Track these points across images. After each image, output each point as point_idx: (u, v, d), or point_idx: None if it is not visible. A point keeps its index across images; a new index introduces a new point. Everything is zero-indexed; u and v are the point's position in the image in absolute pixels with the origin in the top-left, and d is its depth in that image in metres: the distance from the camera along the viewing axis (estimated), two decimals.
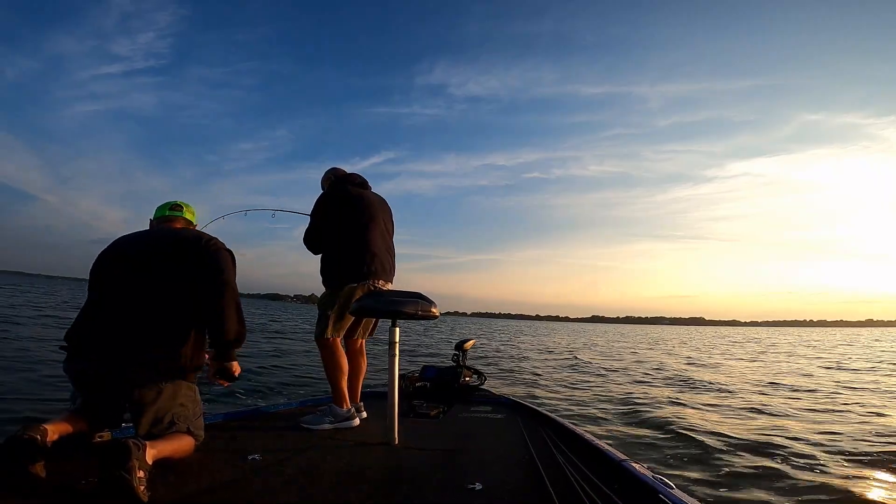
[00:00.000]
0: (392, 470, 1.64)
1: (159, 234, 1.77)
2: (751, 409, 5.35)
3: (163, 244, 1.69)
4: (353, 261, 2.33)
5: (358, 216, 2.41)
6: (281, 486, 1.41)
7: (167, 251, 1.66)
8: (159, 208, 1.94)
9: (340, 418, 2.23)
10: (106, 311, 1.58)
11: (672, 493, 1.28)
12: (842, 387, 7.56)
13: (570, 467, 1.65)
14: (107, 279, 1.65)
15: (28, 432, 1.23)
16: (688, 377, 8.51)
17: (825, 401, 6.10)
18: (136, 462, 1.18)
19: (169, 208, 1.92)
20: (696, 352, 16.81)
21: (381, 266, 2.39)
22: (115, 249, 1.71)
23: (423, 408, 2.73)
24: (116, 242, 1.74)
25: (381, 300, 2.09)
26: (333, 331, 2.31)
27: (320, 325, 2.31)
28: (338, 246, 2.39)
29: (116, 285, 1.61)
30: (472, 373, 3.40)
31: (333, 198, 2.46)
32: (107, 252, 1.71)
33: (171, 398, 1.54)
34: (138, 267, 1.62)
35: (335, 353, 2.30)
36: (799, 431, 4.22)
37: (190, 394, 1.62)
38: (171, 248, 1.67)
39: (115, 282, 1.62)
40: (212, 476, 1.45)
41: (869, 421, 4.80)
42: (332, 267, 2.39)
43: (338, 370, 2.28)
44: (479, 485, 1.47)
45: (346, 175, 2.60)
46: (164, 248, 1.67)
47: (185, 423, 1.56)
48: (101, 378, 1.48)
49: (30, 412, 3.26)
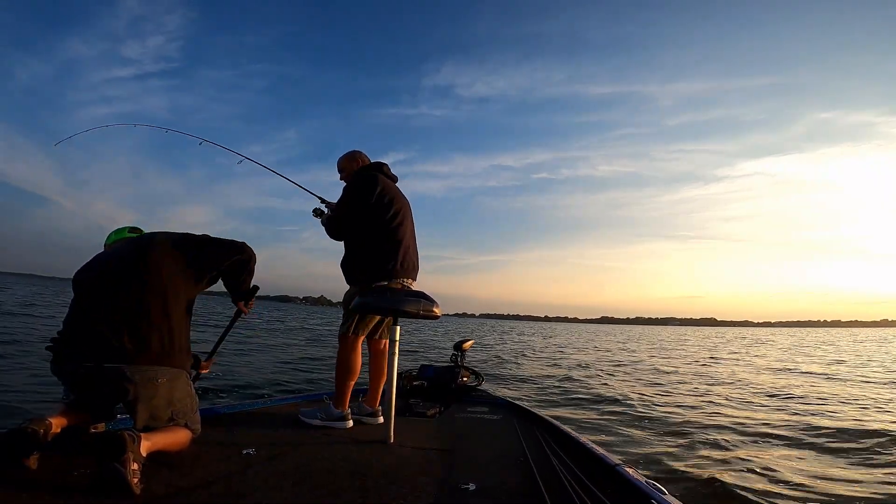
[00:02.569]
0: (387, 468, 1.65)
1: (145, 238, 1.75)
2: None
3: (156, 242, 1.68)
4: (386, 257, 2.21)
5: (392, 210, 2.26)
6: (275, 481, 1.42)
7: (164, 248, 1.66)
8: (116, 232, 1.92)
9: (333, 418, 2.20)
10: (96, 309, 1.54)
11: (664, 498, 1.28)
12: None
13: (565, 470, 1.65)
14: (94, 280, 1.61)
15: (31, 425, 1.26)
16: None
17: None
18: (131, 454, 1.18)
19: (128, 230, 1.91)
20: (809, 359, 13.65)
21: (411, 264, 2.31)
22: (102, 256, 1.71)
23: (420, 407, 2.73)
24: (99, 256, 1.73)
25: (384, 298, 2.06)
26: (357, 329, 2.24)
27: (345, 322, 2.25)
28: (369, 239, 2.23)
29: (106, 284, 1.58)
30: (470, 373, 3.40)
31: (371, 184, 2.25)
32: (90, 263, 1.69)
33: (168, 393, 1.52)
34: (131, 265, 1.60)
35: (352, 353, 2.24)
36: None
37: (187, 388, 1.62)
38: (165, 244, 1.67)
39: (105, 280, 1.59)
40: (206, 469, 1.46)
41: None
42: (361, 262, 2.25)
43: (347, 371, 2.23)
44: (473, 485, 1.48)
45: (380, 164, 2.43)
46: (158, 246, 1.66)
47: (183, 419, 1.57)
48: (94, 377, 1.45)
49: (31, 406, 3.34)
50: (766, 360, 13.21)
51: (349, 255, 2.31)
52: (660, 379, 8.36)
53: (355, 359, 2.24)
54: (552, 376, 8.26)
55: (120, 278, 1.57)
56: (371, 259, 2.22)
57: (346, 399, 2.24)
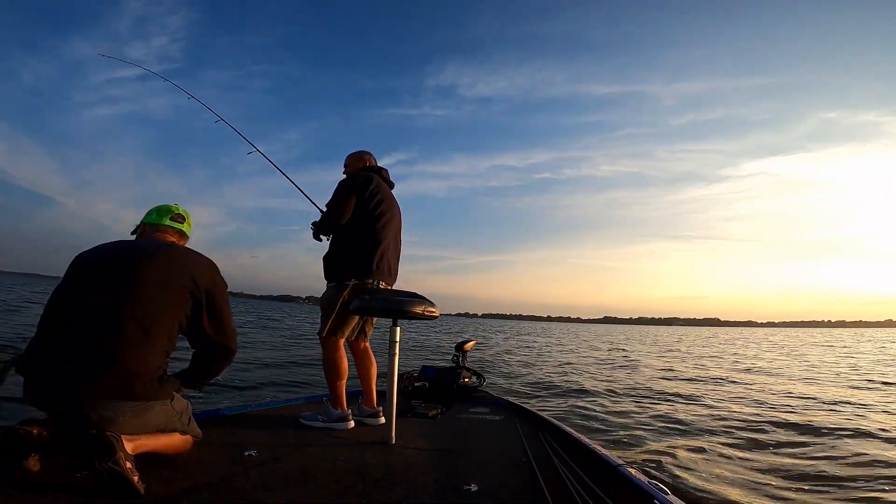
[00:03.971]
0: (388, 469, 1.65)
1: (149, 248, 1.51)
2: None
3: (155, 263, 1.46)
4: (363, 255, 2.24)
5: (379, 211, 2.30)
6: (277, 483, 1.42)
7: (158, 274, 1.44)
8: (156, 213, 1.67)
9: (333, 419, 2.20)
10: (74, 334, 1.35)
11: (667, 498, 1.29)
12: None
13: (566, 470, 1.65)
14: (74, 295, 1.42)
15: (24, 426, 1.24)
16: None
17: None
18: (122, 454, 1.18)
19: (170, 217, 1.66)
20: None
21: (387, 267, 2.32)
22: (88, 262, 1.49)
23: (422, 408, 2.73)
24: (90, 253, 1.50)
25: (384, 299, 2.07)
26: (335, 329, 2.24)
27: (323, 323, 2.24)
28: (350, 235, 2.27)
29: (86, 302, 1.39)
30: (472, 374, 3.39)
31: (360, 184, 2.31)
32: (79, 263, 1.49)
33: (138, 424, 1.37)
34: (116, 284, 1.40)
35: (334, 353, 2.24)
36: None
37: (161, 415, 1.45)
38: (163, 270, 1.46)
39: (85, 298, 1.40)
40: (208, 471, 1.46)
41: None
42: (340, 258, 2.27)
43: (335, 372, 2.24)
44: (475, 486, 1.48)
45: (378, 167, 2.50)
46: (154, 269, 1.44)
47: (170, 430, 1.49)
48: (68, 412, 1.31)
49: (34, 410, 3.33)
50: (768, 363, 13.15)
51: (331, 251, 2.32)
52: (659, 379, 8.37)
53: (339, 358, 2.25)
54: (553, 376, 8.26)
55: (102, 296, 1.38)
56: (348, 255, 2.26)
57: (342, 399, 2.24)
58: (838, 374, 9.55)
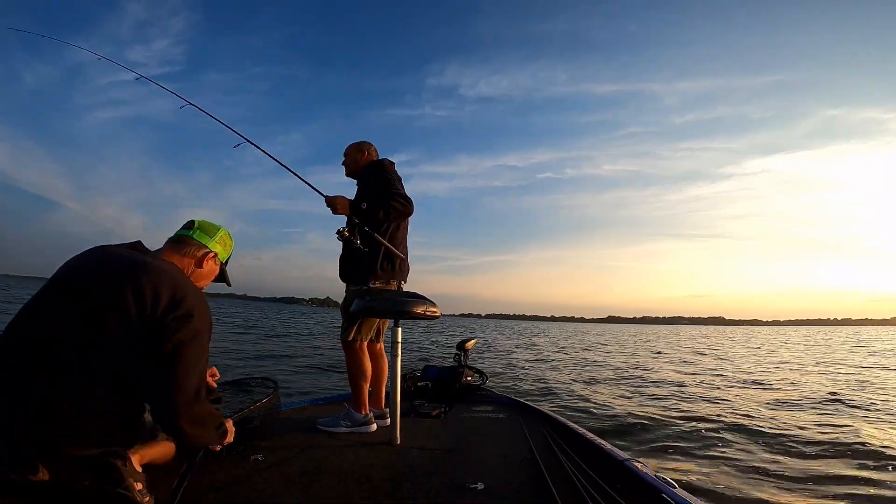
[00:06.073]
0: (394, 469, 1.65)
1: (114, 269, 1.09)
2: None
3: (114, 287, 1.05)
4: (391, 257, 2.22)
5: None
6: (283, 486, 1.43)
7: (115, 300, 1.03)
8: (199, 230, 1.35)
9: (358, 423, 2.20)
10: (16, 379, 1.01)
11: (675, 492, 1.29)
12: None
13: (573, 467, 1.65)
14: (21, 327, 1.06)
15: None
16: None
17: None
18: (131, 479, 1.13)
19: (184, 227, 1.36)
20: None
21: (406, 268, 2.34)
22: (89, 256, 1.17)
23: (425, 407, 2.74)
24: (63, 271, 1.15)
25: (386, 300, 2.07)
26: (362, 333, 2.23)
27: (349, 327, 2.23)
28: (382, 236, 2.20)
29: (31, 337, 1.04)
30: (474, 372, 3.39)
31: (399, 177, 2.28)
32: (73, 263, 1.16)
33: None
34: (67, 318, 1.03)
35: (362, 357, 2.24)
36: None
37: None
38: (121, 297, 1.03)
39: (30, 332, 1.05)
40: (214, 476, 1.48)
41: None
42: (368, 261, 2.20)
43: (362, 376, 2.24)
44: (481, 484, 1.48)
45: (390, 160, 2.44)
46: (112, 295, 1.04)
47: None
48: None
49: None
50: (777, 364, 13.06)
51: (350, 252, 2.20)
52: (670, 372, 8.33)
53: (365, 361, 2.26)
54: (552, 377, 8.25)
55: (48, 330, 1.04)
56: (377, 258, 2.19)
57: (365, 402, 2.24)
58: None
